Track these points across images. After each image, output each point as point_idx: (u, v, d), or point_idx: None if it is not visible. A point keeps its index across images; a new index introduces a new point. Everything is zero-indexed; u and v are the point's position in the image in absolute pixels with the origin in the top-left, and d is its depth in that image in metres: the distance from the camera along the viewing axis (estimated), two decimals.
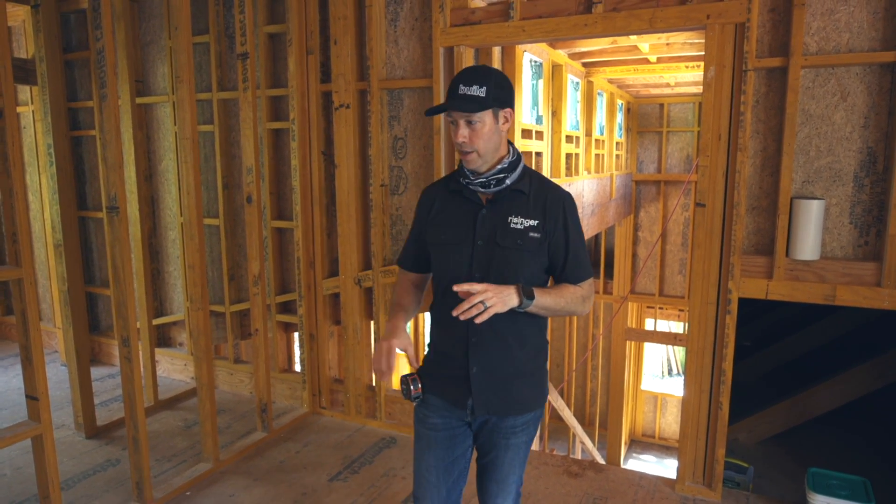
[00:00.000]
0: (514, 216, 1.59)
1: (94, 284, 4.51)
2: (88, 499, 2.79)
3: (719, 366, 2.67)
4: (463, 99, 1.52)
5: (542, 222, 1.59)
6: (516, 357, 1.64)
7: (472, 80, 1.54)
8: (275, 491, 2.85)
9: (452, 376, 1.66)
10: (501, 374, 1.64)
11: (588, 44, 4.61)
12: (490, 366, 1.63)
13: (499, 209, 1.61)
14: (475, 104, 1.52)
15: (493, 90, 1.54)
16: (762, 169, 2.56)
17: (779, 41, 2.47)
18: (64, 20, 4.18)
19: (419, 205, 1.77)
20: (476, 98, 1.52)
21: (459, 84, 1.55)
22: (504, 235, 1.58)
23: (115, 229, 2.53)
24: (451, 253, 1.63)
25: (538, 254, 1.60)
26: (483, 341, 1.61)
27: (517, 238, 1.58)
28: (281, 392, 3.88)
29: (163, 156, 4.12)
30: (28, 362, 2.22)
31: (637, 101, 7.99)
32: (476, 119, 1.54)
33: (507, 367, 1.64)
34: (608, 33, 2.69)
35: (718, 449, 2.72)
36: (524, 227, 1.58)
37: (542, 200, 1.61)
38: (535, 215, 1.59)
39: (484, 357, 1.62)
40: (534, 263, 1.60)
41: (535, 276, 1.62)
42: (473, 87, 1.53)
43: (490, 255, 1.59)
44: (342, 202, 3.43)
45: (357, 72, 3.34)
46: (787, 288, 2.51)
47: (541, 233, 1.58)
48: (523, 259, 1.58)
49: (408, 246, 1.81)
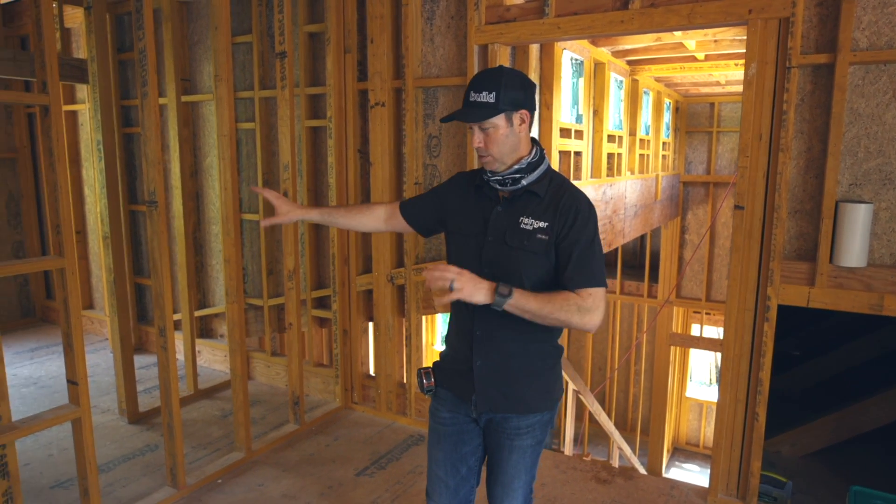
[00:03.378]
0: (526, 217, 1.57)
1: (143, 275, 4.69)
2: (126, 481, 2.91)
3: (756, 375, 2.57)
4: (473, 107, 1.52)
5: (551, 224, 1.55)
6: (522, 354, 1.62)
7: (481, 87, 1.53)
8: (302, 483, 2.90)
9: (459, 370, 1.66)
10: (506, 369, 1.62)
11: (631, 41, 4.51)
12: (494, 361, 1.61)
13: (513, 208, 1.60)
14: (484, 111, 1.51)
15: (503, 94, 1.52)
16: (806, 171, 2.45)
17: (826, 36, 2.35)
18: (119, 22, 4.36)
19: (450, 180, 1.82)
20: (485, 105, 1.51)
21: (470, 91, 1.55)
22: (513, 235, 1.57)
23: (153, 222, 2.62)
24: (465, 244, 1.65)
25: (545, 256, 1.56)
26: (488, 335, 1.60)
27: (524, 239, 1.56)
28: (315, 386, 3.95)
29: (207, 152, 4.25)
30: (69, 348, 2.32)
31: (686, 101, 7.77)
32: (488, 125, 1.54)
33: (512, 364, 1.62)
34: (645, 29, 2.62)
35: (754, 461, 2.62)
36: (533, 229, 1.56)
37: (556, 203, 1.57)
38: (547, 217, 1.56)
39: (488, 351, 1.61)
40: (540, 265, 1.57)
41: (543, 278, 1.58)
42: (483, 93, 1.52)
43: (498, 253, 1.58)
44: (377, 200, 3.45)
45: (393, 70, 3.36)
46: (830, 296, 2.39)
47: (549, 235, 1.55)
48: (529, 260, 1.56)
49: (419, 198, 1.86)
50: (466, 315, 1.57)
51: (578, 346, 9.42)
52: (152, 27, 2.50)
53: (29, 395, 3.89)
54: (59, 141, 2.19)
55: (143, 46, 2.49)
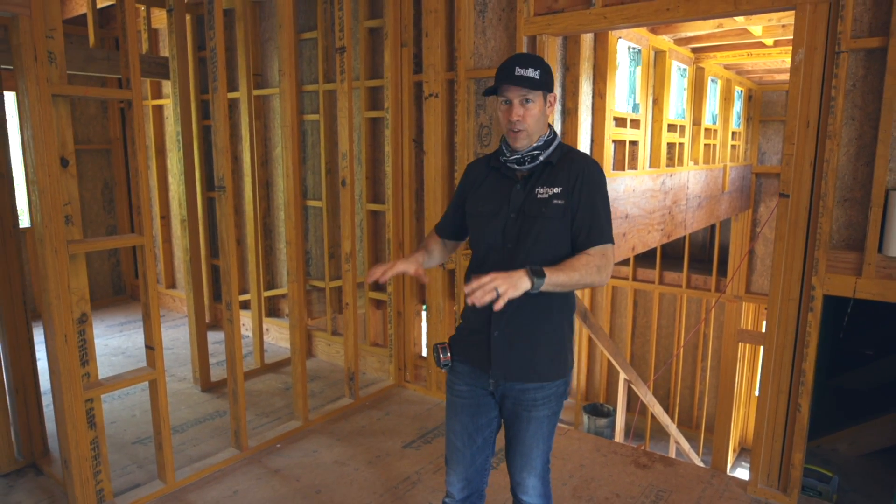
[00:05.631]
0: (541, 186, 1.68)
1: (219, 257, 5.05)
2: (196, 441, 3.20)
3: (799, 365, 2.53)
4: (521, 79, 1.63)
5: (566, 189, 1.66)
6: (538, 325, 1.71)
7: (527, 64, 1.65)
8: (352, 451, 3.10)
9: (477, 342, 1.76)
10: (522, 340, 1.71)
11: (693, 28, 4.42)
12: (511, 331, 1.71)
13: (531, 184, 1.71)
14: (533, 83, 1.63)
15: (544, 75, 1.66)
16: (857, 158, 2.39)
17: (880, 19, 2.28)
18: (199, 21, 4.71)
19: (462, 178, 1.91)
20: (532, 79, 1.63)
21: (516, 66, 1.64)
22: (531, 205, 1.67)
23: (222, 206, 2.87)
24: (487, 224, 1.74)
25: (562, 220, 1.66)
26: (506, 307, 1.68)
27: (542, 206, 1.66)
28: (371, 364, 4.16)
29: (276, 143, 4.53)
30: (147, 317, 2.60)
31: (760, 88, 7.47)
32: (531, 98, 1.65)
33: (529, 335, 1.71)
34: (691, 17, 2.61)
35: (796, 453, 2.59)
36: (549, 196, 1.66)
37: (568, 167, 1.69)
38: (561, 183, 1.67)
39: (506, 322, 1.70)
40: (559, 230, 1.66)
41: (561, 243, 1.67)
42: (529, 69, 1.63)
43: (520, 226, 1.68)
44: (430, 188, 3.60)
45: (446, 62, 3.49)
46: (878, 286, 2.33)
47: (565, 199, 1.65)
48: (548, 227, 1.65)
49: (446, 215, 1.95)
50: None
51: (643, 341, 9.26)
52: (222, 27, 2.74)
53: (118, 362, 4.31)
54: (139, 132, 2.46)
55: (213, 45, 2.73)
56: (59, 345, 2.30)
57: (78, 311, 2.36)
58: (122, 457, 3.04)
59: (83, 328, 2.38)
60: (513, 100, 1.66)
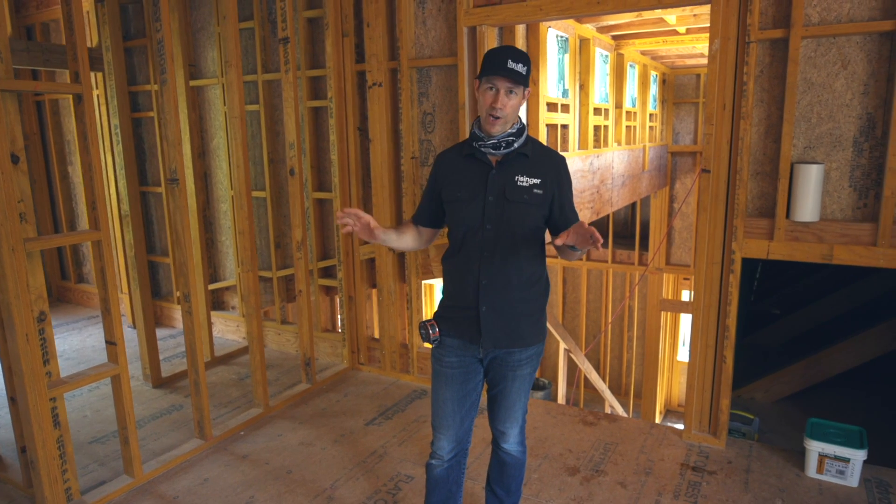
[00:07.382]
0: (520, 175, 1.88)
1: (155, 254, 4.95)
2: (157, 436, 3.20)
3: (723, 322, 2.85)
4: (513, 73, 1.80)
5: (543, 181, 1.88)
6: (521, 298, 1.91)
7: (518, 59, 1.82)
8: (317, 432, 3.20)
9: (466, 317, 1.93)
10: (508, 312, 1.91)
11: (614, 17, 4.72)
12: (497, 305, 1.90)
13: (506, 170, 1.89)
14: (520, 78, 1.81)
15: (528, 71, 1.85)
16: (766, 136, 2.71)
17: (782, 13, 2.59)
18: (123, 10, 4.56)
19: (434, 167, 2.05)
20: (520, 74, 1.81)
21: (508, 59, 1.81)
22: (512, 191, 1.86)
23: (175, 198, 2.87)
24: (466, 208, 1.90)
25: (541, 207, 1.89)
26: (492, 284, 1.88)
27: (524, 194, 1.86)
28: (323, 350, 4.24)
29: (214, 134, 4.48)
30: (107, 312, 2.59)
31: (673, 73, 7.98)
32: (515, 91, 1.83)
33: (513, 307, 1.91)
34: (619, 9, 2.85)
35: (723, 399, 2.92)
36: (529, 185, 1.87)
37: (543, 162, 1.91)
38: (538, 175, 1.89)
39: (492, 298, 1.89)
40: (537, 215, 1.90)
41: (538, 226, 1.91)
42: (519, 64, 1.81)
43: (501, 209, 1.87)
44: (376, 174, 3.71)
45: (388, 52, 3.59)
46: (787, 248, 2.67)
47: (543, 189, 1.88)
48: (529, 211, 1.88)
49: (422, 204, 2.08)
50: (472, 269, 1.86)
51: (573, 315, 9.74)
52: (169, 18, 2.73)
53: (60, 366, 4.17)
54: (91, 126, 2.44)
55: (160, 37, 2.72)
56: (21, 344, 2.27)
57: (37, 309, 2.33)
58: (82, 457, 3.01)
59: (43, 326, 2.36)
60: (499, 88, 1.82)
